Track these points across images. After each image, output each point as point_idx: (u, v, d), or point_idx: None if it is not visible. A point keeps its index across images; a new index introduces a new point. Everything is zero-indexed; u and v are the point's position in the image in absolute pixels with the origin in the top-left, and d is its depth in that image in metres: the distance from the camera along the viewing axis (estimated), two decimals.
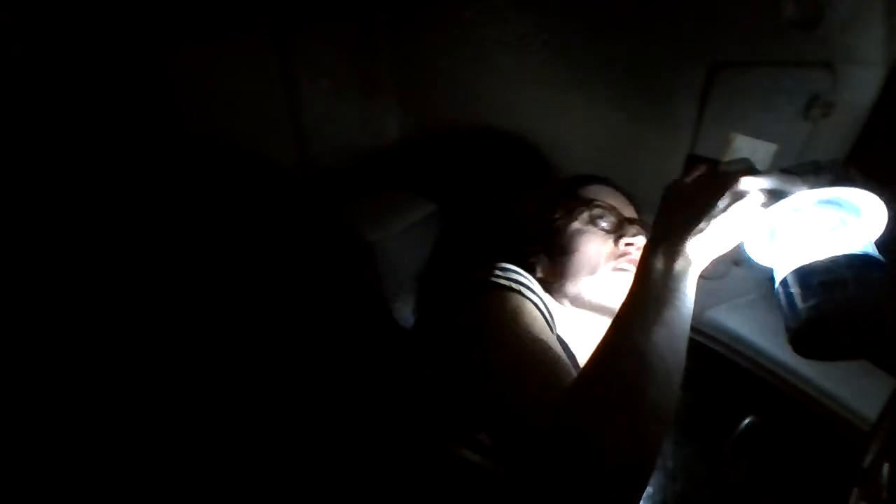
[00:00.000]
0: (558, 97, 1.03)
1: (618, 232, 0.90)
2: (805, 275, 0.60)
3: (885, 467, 0.65)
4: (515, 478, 0.59)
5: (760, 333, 1.21)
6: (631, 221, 0.92)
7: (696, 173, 0.67)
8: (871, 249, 0.61)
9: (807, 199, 0.62)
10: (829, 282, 0.58)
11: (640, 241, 0.88)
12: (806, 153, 0.98)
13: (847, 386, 1.17)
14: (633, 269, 0.84)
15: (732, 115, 0.96)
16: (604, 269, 0.87)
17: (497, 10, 0.95)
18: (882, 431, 0.70)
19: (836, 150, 0.98)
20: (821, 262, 0.59)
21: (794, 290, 0.60)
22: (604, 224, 0.91)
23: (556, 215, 0.92)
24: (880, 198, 0.61)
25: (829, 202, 0.63)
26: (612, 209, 0.92)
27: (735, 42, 0.91)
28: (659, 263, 0.62)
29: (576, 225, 0.91)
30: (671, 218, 0.64)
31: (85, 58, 0.90)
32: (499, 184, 1.08)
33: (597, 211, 0.91)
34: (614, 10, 0.92)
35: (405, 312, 1.04)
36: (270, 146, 1.05)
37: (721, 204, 0.61)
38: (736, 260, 1.14)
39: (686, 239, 0.62)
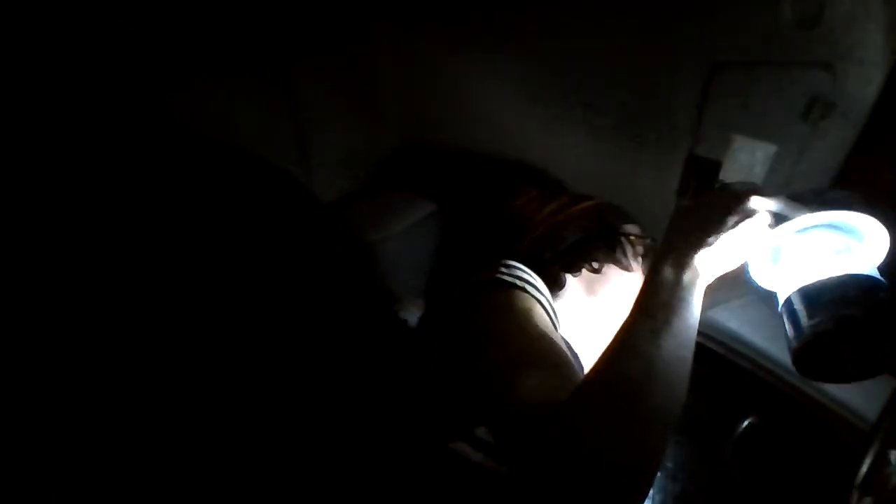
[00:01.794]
0: (557, 96, 1.03)
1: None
2: (809, 293, 0.61)
3: (893, 454, 0.65)
4: (517, 477, 0.59)
5: (760, 334, 1.21)
6: None
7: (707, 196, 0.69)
8: (875, 274, 0.62)
9: (810, 222, 0.63)
10: (834, 300, 0.59)
11: None
12: (806, 154, 0.98)
13: (847, 386, 1.17)
14: None
15: (732, 116, 0.96)
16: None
17: (498, 13, 0.96)
18: (882, 431, 0.70)
19: (836, 150, 0.98)
20: (825, 281, 0.60)
21: (799, 307, 0.61)
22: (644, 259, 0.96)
23: (622, 236, 0.95)
24: (882, 221, 0.61)
25: (832, 226, 0.64)
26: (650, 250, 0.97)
27: (735, 42, 0.91)
28: (668, 273, 0.63)
29: (633, 252, 0.95)
30: (682, 231, 0.66)
31: (82, 57, 0.90)
32: (502, 183, 1.08)
33: (644, 249, 0.96)
34: (614, 11, 0.92)
35: (406, 312, 1.04)
36: (270, 147, 1.05)
37: (731, 220, 0.63)
38: None
39: (695, 251, 0.63)
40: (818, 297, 0.60)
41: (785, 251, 0.66)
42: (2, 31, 0.84)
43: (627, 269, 0.93)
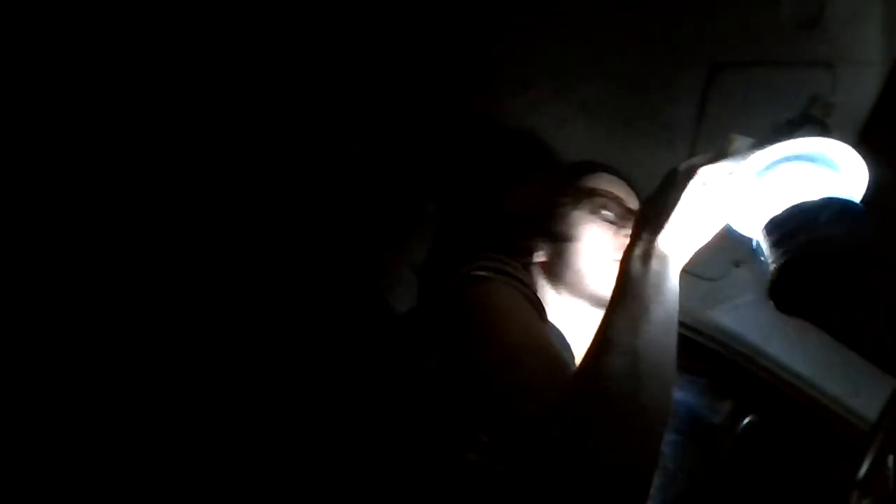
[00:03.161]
0: (557, 95, 1.03)
1: (620, 223, 0.90)
2: (770, 230, 0.59)
3: (891, 458, 0.65)
4: (519, 478, 0.59)
5: (760, 333, 1.21)
6: (634, 213, 0.91)
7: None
8: (840, 195, 0.59)
9: (767, 160, 0.61)
10: (792, 229, 0.57)
11: None
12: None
13: (847, 386, 1.18)
14: None
15: (732, 115, 0.96)
16: (603, 259, 0.87)
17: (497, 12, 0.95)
18: (882, 431, 0.70)
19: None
20: (782, 214, 0.58)
21: (765, 247, 0.60)
22: (607, 214, 0.91)
23: (561, 202, 0.92)
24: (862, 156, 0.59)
25: (798, 157, 0.61)
26: (615, 199, 0.92)
27: (735, 42, 0.91)
28: (636, 264, 0.63)
29: (578, 213, 0.91)
30: (642, 220, 0.66)
31: (82, 58, 0.90)
32: (496, 176, 1.08)
33: (600, 200, 0.91)
34: (614, 10, 0.92)
35: (404, 310, 1.04)
36: (269, 148, 1.05)
37: (685, 197, 0.63)
38: (736, 260, 1.14)
39: (657, 236, 0.63)
40: (779, 228, 0.58)
41: (752, 196, 0.64)
42: (2, 31, 0.84)
43: None
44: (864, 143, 0.94)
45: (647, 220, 0.65)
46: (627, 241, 0.86)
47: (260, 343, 0.98)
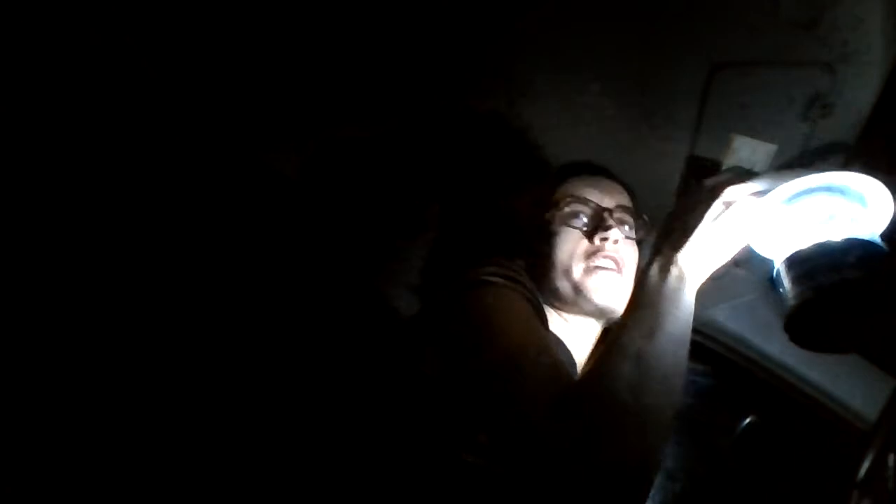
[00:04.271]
0: (557, 95, 1.03)
1: (592, 228, 0.89)
2: (792, 264, 0.60)
3: (892, 458, 0.65)
4: (519, 477, 0.60)
5: (760, 333, 1.21)
6: (610, 212, 0.90)
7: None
8: (869, 235, 0.59)
9: (795, 189, 0.62)
10: (814, 269, 0.57)
11: (615, 234, 0.87)
12: (805, 154, 0.98)
13: (847, 386, 1.18)
14: (608, 265, 0.86)
15: (732, 116, 0.96)
16: (577, 268, 0.87)
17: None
18: (882, 431, 0.70)
19: (836, 150, 0.98)
20: (806, 250, 0.59)
21: (785, 280, 0.60)
22: (576, 223, 0.90)
23: (536, 216, 0.92)
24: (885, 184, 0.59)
25: (828, 189, 0.62)
26: (586, 203, 0.91)
27: (735, 42, 0.91)
28: (655, 276, 0.65)
29: (550, 227, 0.90)
30: (666, 232, 0.68)
31: (83, 58, 0.90)
32: (497, 179, 1.08)
33: (568, 210, 0.91)
34: (615, 11, 0.92)
35: (406, 313, 1.04)
36: (269, 147, 1.05)
37: (709, 215, 0.64)
38: (736, 260, 1.14)
39: (678, 251, 0.64)
40: (799, 267, 0.59)
41: (777, 223, 0.64)
42: (3, 31, 0.84)
43: None
44: (865, 142, 0.95)
45: (669, 234, 0.66)
46: (598, 245, 0.86)
47: (262, 344, 0.98)
